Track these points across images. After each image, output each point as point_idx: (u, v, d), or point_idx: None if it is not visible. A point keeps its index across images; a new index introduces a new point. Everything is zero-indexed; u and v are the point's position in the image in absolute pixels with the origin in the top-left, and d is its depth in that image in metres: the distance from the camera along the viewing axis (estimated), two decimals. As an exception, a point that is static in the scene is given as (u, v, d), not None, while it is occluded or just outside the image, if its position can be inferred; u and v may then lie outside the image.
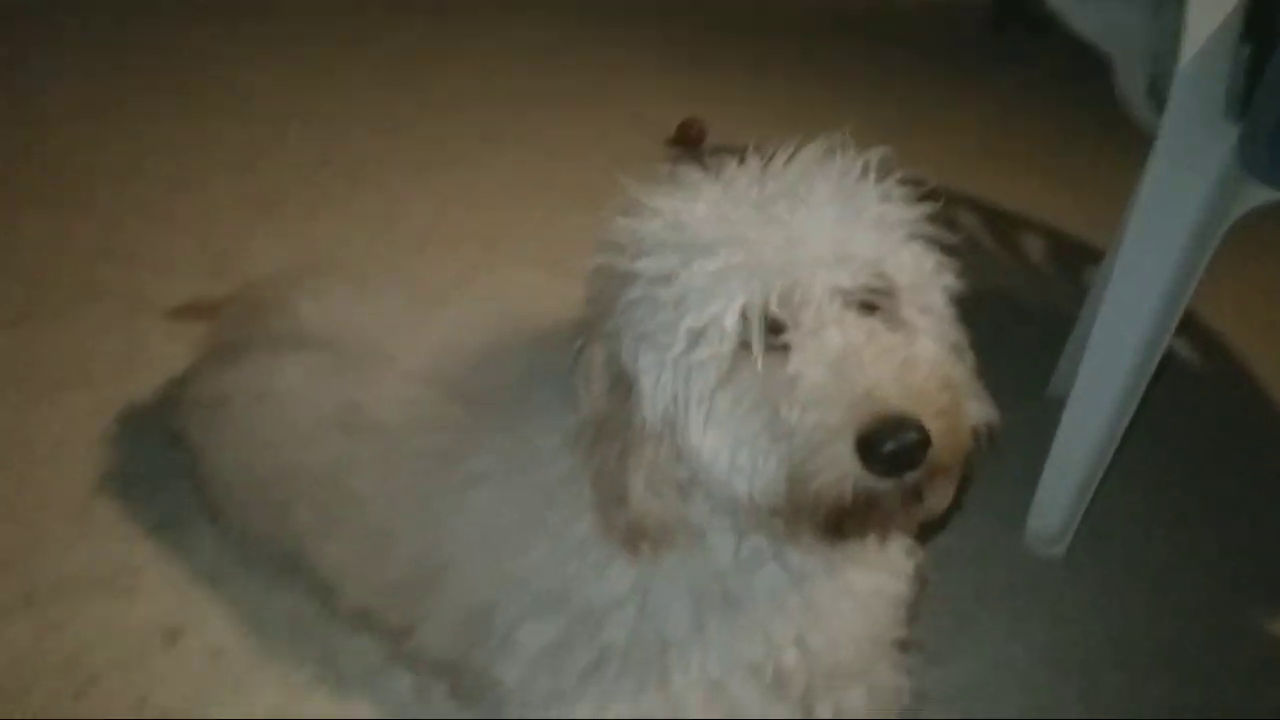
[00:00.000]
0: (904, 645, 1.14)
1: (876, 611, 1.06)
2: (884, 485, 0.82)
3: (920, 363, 0.86)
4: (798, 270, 0.85)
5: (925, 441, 0.80)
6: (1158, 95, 1.51)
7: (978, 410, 0.94)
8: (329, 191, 2.60)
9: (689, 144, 3.05)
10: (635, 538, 0.94)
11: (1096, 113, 3.06)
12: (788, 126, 0.98)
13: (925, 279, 0.92)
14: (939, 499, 0.90)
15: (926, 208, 0.94)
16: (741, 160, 0.94)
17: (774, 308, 0.85)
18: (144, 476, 1.56)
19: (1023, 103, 3.83)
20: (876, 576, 1.05)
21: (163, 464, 1.56)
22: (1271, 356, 2.23)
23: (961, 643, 1.40)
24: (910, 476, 0.82)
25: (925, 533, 1.07)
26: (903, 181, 0.93)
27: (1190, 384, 2.13)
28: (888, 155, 0.93)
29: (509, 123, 3.17)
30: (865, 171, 0.91)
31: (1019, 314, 2.33)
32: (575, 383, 0.96)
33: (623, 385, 0.92)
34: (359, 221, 2.46)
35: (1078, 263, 2.59)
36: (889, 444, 0.79)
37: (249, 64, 3.46)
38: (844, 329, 0.84)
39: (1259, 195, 1.37)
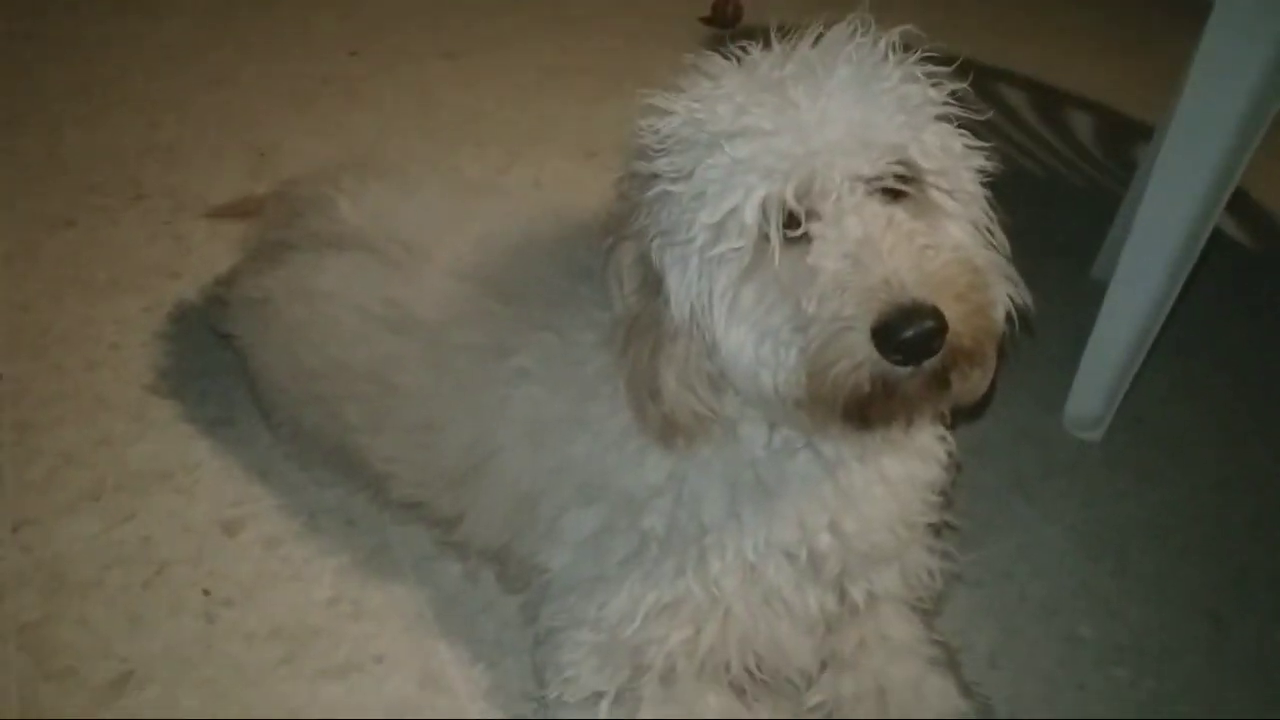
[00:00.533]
0: (937, 529, 1.16)
1: (909, 497, 1.07)
2: (902, 372, 0.82)
3: (942, 248, 0.85)
4: (815, 159, 0.84)
5: (942, 329, 0.80)
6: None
7: (1009, 294, 0.93)
8: (362, 83, 2.58)
9: (725, 23, 2.96)
10: (670, 431, 0.96)
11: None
12: (823, 3, 0.95)
13: (953, 161, 0.91)
14: (971, 385, 0.91)
15: (955, 86, 0.91)
16: (765, 44, 0.93)
17: (792, 199, 0.84)
18: (197, 375, 1.61)
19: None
20: (909, 462, 1.07)
21: (214, 363, 1.61)
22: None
23: (996, 526, 1.43)
24: (929, 363, 0.82)
25: (961, 419, 1.08)
26: (930, 59, 0.91)
27: (1238, 265, 2.08)
28: (912, 32, 0.91)
29: (543, 6, 3.09)
30: (887, 51, 0.89)
31: (1064, 194, 2.28)
32: (607, 282, 0.97)
33: (652, 283, 0.93)
34: (393, 113, 2.45)
35: (1126, 141, 2.51)
36: (904, 331, 0.79)
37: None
38: (863, 217, 0.84)
39: (1315, 74, 1.31)
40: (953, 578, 1.21)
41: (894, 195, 0.88)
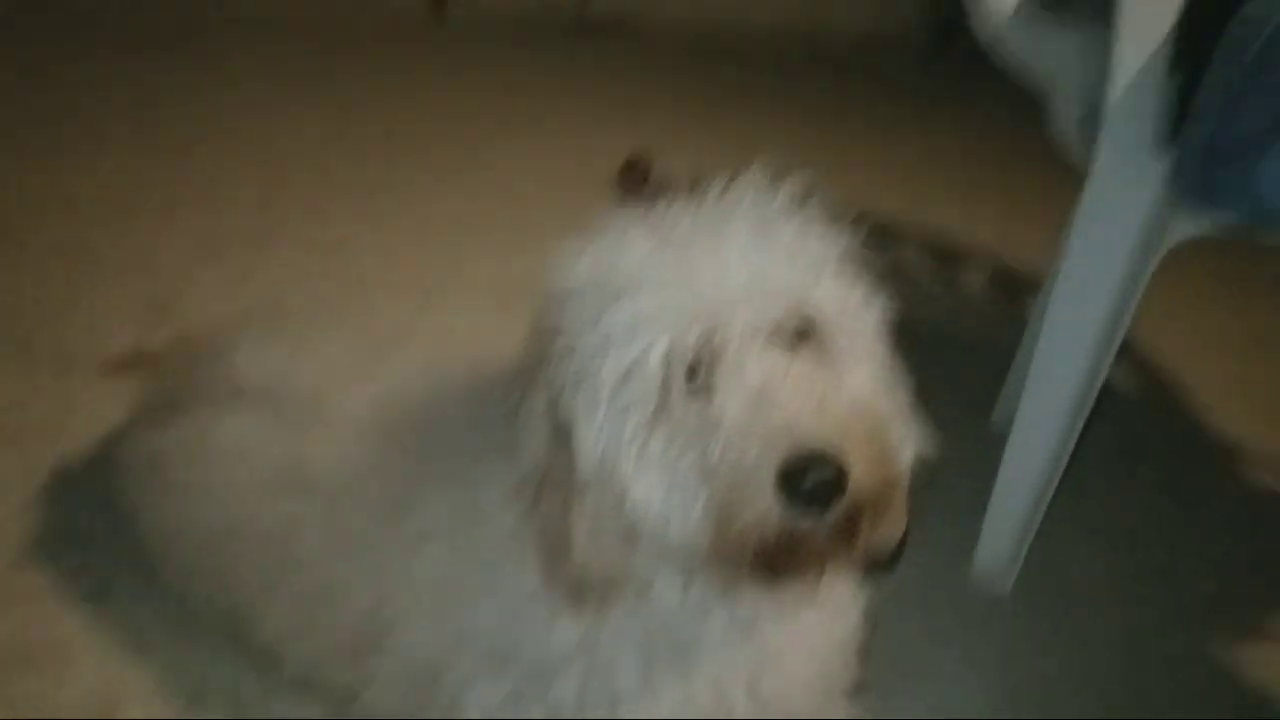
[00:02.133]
0: (855, 687, 1.13)
1: (827, 654, 1.05)
2: (806, 522, 0.81)
3: (842, 395, 0.86)
4: (717, 308, 0.85)
5: (843, 476, 0.79)
6: (1091, 128, 1.54)
7: (911, 440, 0.94)
8: (271, 234, 2.56)
9: (634, 181, 3.06)
10: (581, 591, 0.92)
11: (1035, 142, 3.14)
12: (732, 158, 0.98)
13: (852, 310, 0.93)
14: (882, 535, 0.90)
15: (852, 236, 0.94)
16: (672, 201, 0.94)
17: (693, 348, 0.85)
18: (76, 542, 1.50)
19: (961, 132, 3.91)
20: (826, 618, 1.04)
21: (95, 529, 1.51)
22: (1206, 380, 2.28)
23: (916, 679, 1.40)
24: (833, 512, 0.81)
25: (876, 571, 1.06)
26: (827, 211, 0.94)
27: (1130, 411, 2.17)
28: (810, 185, 0.94)
29: (457, 161, 3.15)
30: (785, 204, 0.92)
31: (961, 345, 2.36)
32: (517, 434, 0.95)
33: (562, 434, 0.91)
34: (302, 265, 2.43)
35: (1018, 292, 2.63)
36: (806, 480, 0.78)
37: (183, 100, 3.42)
38: (763, 365, 0.84)
39: (1191, 225, 1.40)
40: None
41: (794, 344, 0.88)
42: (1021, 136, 3.32)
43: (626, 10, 5.13)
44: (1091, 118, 1.57)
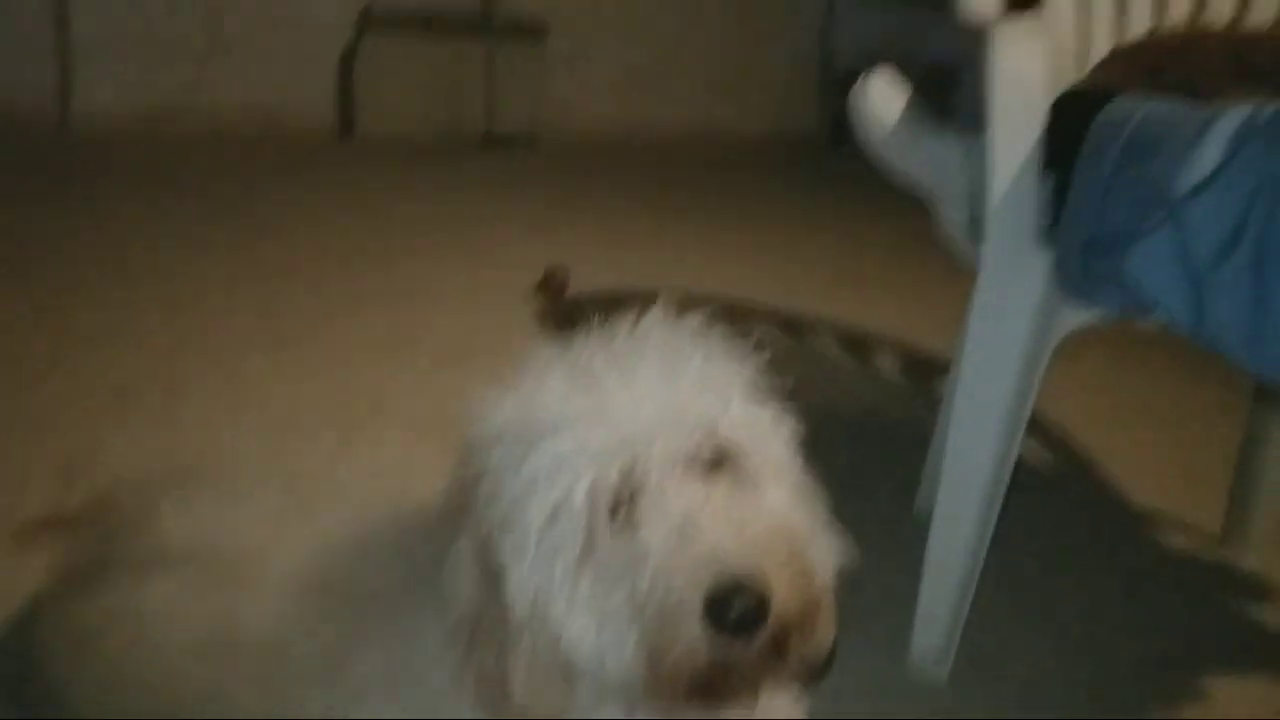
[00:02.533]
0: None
1: None
2: (734, 649, 0.82)
3: (761, 519, 0.88)
4: (634, 442, 0.87)
5: (765, 602, 0.81)
6: (977, 230, 1.64)
7: (831, 553, 0.96)
8: (183, 380, 2.52)
9: (552, 294, 3.11)
10: None
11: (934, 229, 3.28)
12: (647, 267, 1.02)
13: (763, 431, 0.96)
14: (810, 647, 0.91)
15: (757, 359, 0.98)
16: (586, 334, 0.98)
17: (617, 483, 0.87)
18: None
19: (865, 222, 4.07)
20: None
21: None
22: (1113, 451, 2.38)
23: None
24: (759, 637, 0.83)
25: (808, 681, 1.08)
26: (731, 336, 0.98)
27: (1045, 486, 2.24)
28: (711, 313, 0.98)
29: (372, 282, 3.18)
30: (692, 333, 0.96)
31: (881, 431, 2.43)
32: (446, 581, 0.96)
33: (492, 579, 0.92)
34: (218, 412, 2.39)
35: (930, 375, 2.72)
36: (731, 608, 0.80)
37: (81, 247, 3.37)
38: (683, 495, 0.86)
39: (1079, 316, 1.49)
40: None
41: (710, 471, 0.91)
42: (923, 223, 3.48)
43: (533, 123, 5.26)
44: (976, 221, 1.68)
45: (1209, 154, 1.18)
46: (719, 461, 0.92)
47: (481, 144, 5.11)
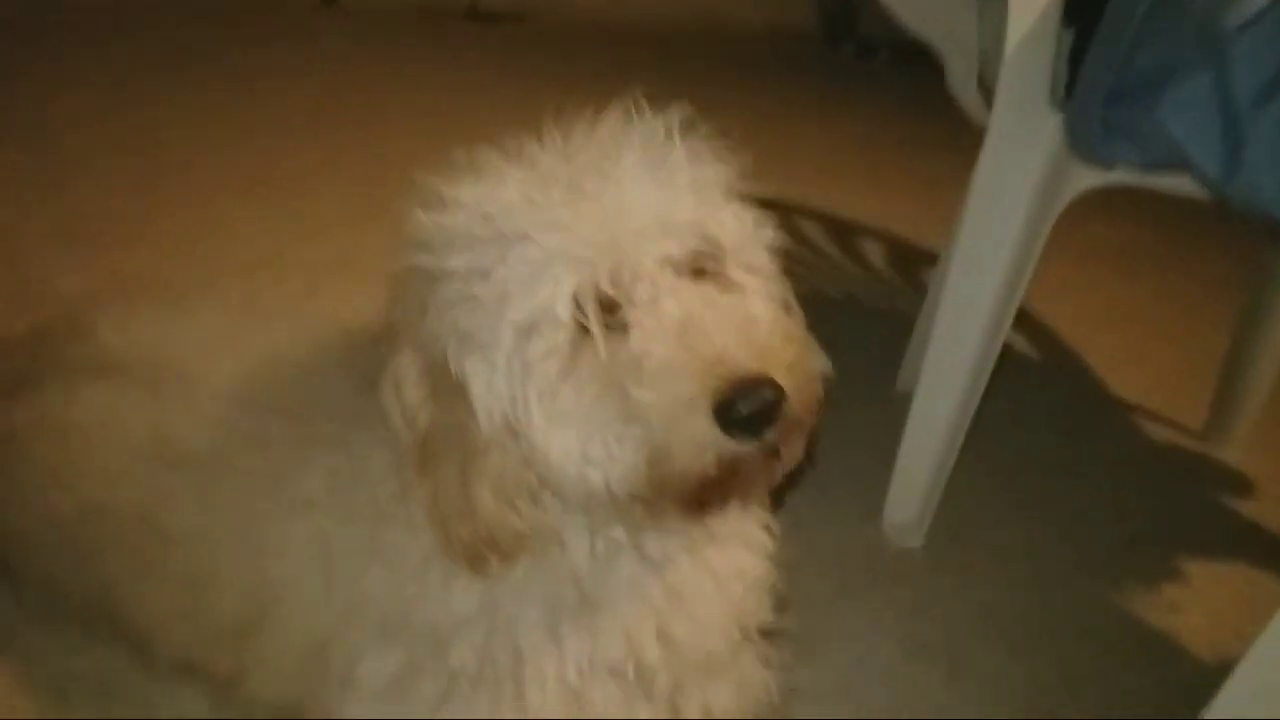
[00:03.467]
0: (771, 635, 1.10)
1: (739, 593, 1.01)
2: (745, 448, 0.79)
3: (760, 320, 0.83)
4: (623, 245, 0.81)
5: (781, 397, 0.78)
6: (987, 87, 1.55)
7: (819, 360, 0.92)
8: (149, 217, 2.43)
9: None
10: (482, 554, 0.87)
11: (930, 129, 3.19)
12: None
13: (748, 237, 0.90)
14: (793, 453, 0.88)
15: (737, 164, 0.91)
16: (540, 139, 0.90)
17: (605, 287, 0.80)
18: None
19: (861, 119, 3.96)
20: (735, 554, 1.01)
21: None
22: (1099, 350, 2.34)
23: (827, 638, 1.39)
24: (770, 435, 0.79)
25: (777, 496, 1.03)
26: (710, 138, 0.90)
27: (1030, 376, 2.20)
28: (689, 114, 0.90)
29: (348, 147, 3.05)
30: (670, 134, 0.87)
31: (863, 315, 2.38)
32: (384, 397, 0.88)
33: (448, 393, 0.85)
34: (182, 249, 2.30)
35: (915, 266, 2.66)
36: (746, 405, 0.77)
37: (55, 81, 3.25)
38: (680, 298, 0.81)
39: (1087, 178, 1.41)
40: (789, 692, 1.14)
41: (698, 274, 0.85)
42: (918, 126, 3.39)
43: (521, 0, 5.07)
44: (987, 78, 1.59)
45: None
46: (705, 266, 0.86)
47: (468, 18, 4.92)
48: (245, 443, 1.04)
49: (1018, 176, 1.43)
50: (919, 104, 3.55)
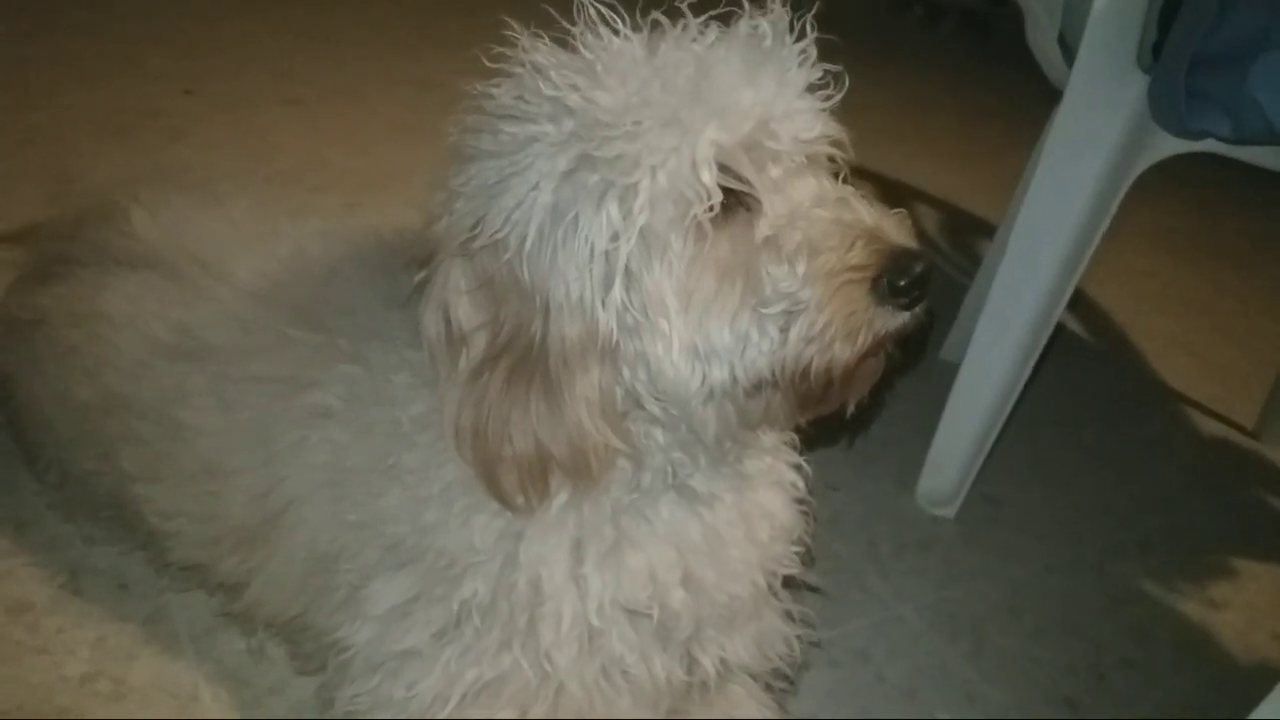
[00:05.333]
0: (794, 588, 1.06)
1: (765, 537, 0.96)
2: (901, 320, 0.79)
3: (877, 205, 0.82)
4: (765, 118, 0.77)
5: (931, 268, 0.78)
6: (1068, 45, 1.47)
7: None
8: (193, 121, 2.39)
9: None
10: (537, 483, 0.81)
11: (990, 97, 3.08)
12: None
13: (844, 142, 0.85)
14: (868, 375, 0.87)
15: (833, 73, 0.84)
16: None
17: (735, 165, 0.75)
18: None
19: (921, 84, 3.84)
20: (764, 495, 0.97)
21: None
22: (1152, 330, 2.26)
23: (852, 603, 1.35)
24: (921, 310, 0.79)
25: (821, 429, 0.98)
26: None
27: (1081, 357, 2.13)
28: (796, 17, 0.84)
29: (393, 63, 2.99)
30: (782, 31, 0.81)
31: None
32: (425, 316, 0.82)
33: (519, 303, 0.78)
34: (224, 154, 2.27)
35: (968, 234, 2.58)
36: (913, 269, 0.76)
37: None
38: (816, 180, 0.80)
39: (1165, 146, 1.34)
40: (811, 646, 1.10)
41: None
42: (980, 93, 3.27)
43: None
44: (1069, 36, 1.50)
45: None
46: (818, 158, 0.83)
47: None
48: (265, 345, 1.00)
49: (1095, 139, 1.36)
50: (983, 72, 3.44)
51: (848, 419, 0.89)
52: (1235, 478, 1.81)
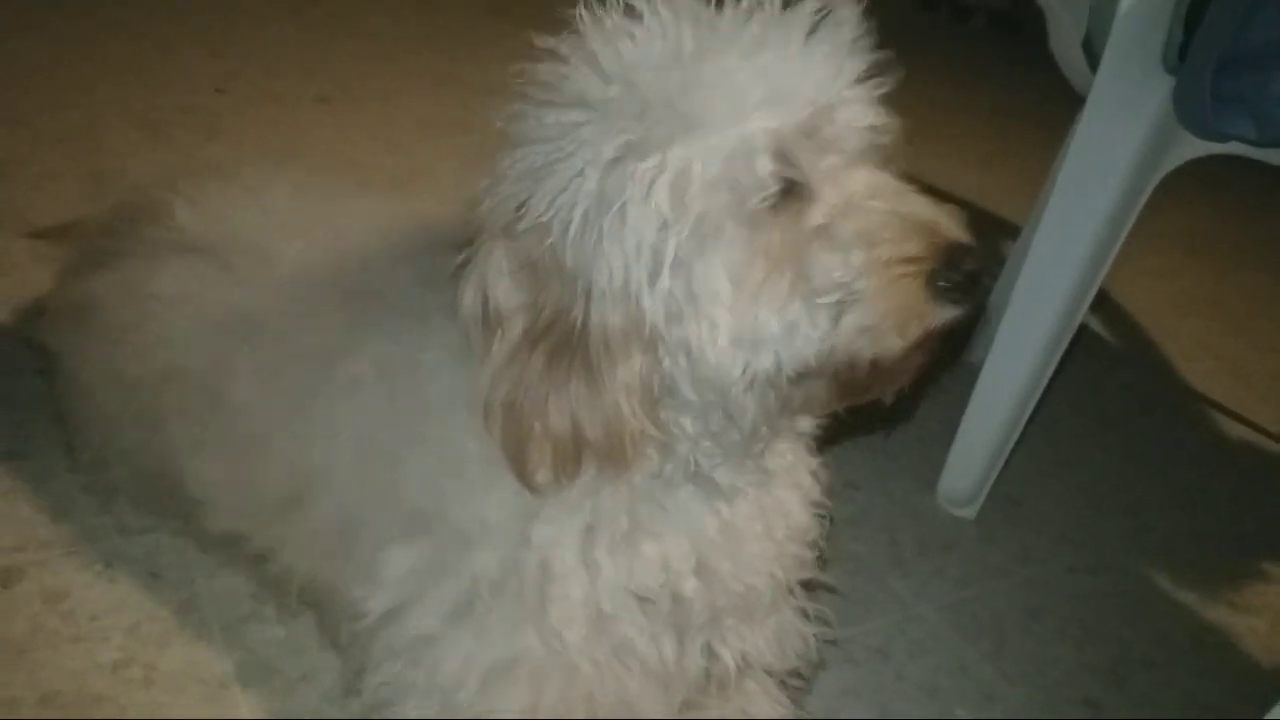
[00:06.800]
0: (812, 589, 1.07)
1: (781, 534, 0.97)
2: (954, 314, 0.78)
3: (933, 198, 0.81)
4: (825, 105, 0.77)
5: (986, 261, 0.77)
6: (1092, 49, 1.47)
7: None
8: (226, 119, 2.43)
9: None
10: (569, 464, 0.82)
11: (1015, 98, 3.07)
12: None
13: (896, 132, 0.86)
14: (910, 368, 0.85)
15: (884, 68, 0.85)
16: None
17: (792, 153, 0.76)
18: (-4, 401, 1.40)
19: (947, 83, 3.83)
20: (782, 494, 0.97)
21: (13, 390, 1.41)
22: (1177, 334, 2.25)
23: (872, 602, 1.36)
24: (973, 305, 0.79)
25: (845, 426, 0.98)
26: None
27: (1104, 359, 2.13)
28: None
29: (426, 61, 3.02)
30: (837, 20, 0.81)
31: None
32: (464, 298, 0.82)
33: (561, 288, 0.78)
34: (256, 151, 2.29)
35: (993, 234, 2.58)
36: (968, 264, 0.76)
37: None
38: (870, 170, 0.79)
39: (1190, 149, 1.35)
40: (827, 644, 1.11)
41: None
42: (1006, 93, 3.26)
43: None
44: (1093, 40, 1.51)
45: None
46: (869, 149, 0.82)
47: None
48: (306, 321, 1.03)
49: (1119, 140, 1.36)
50: (1009, 72, 3.43)
51: (887, 409, 0.89)
52: (1259, 481, 1.80)
